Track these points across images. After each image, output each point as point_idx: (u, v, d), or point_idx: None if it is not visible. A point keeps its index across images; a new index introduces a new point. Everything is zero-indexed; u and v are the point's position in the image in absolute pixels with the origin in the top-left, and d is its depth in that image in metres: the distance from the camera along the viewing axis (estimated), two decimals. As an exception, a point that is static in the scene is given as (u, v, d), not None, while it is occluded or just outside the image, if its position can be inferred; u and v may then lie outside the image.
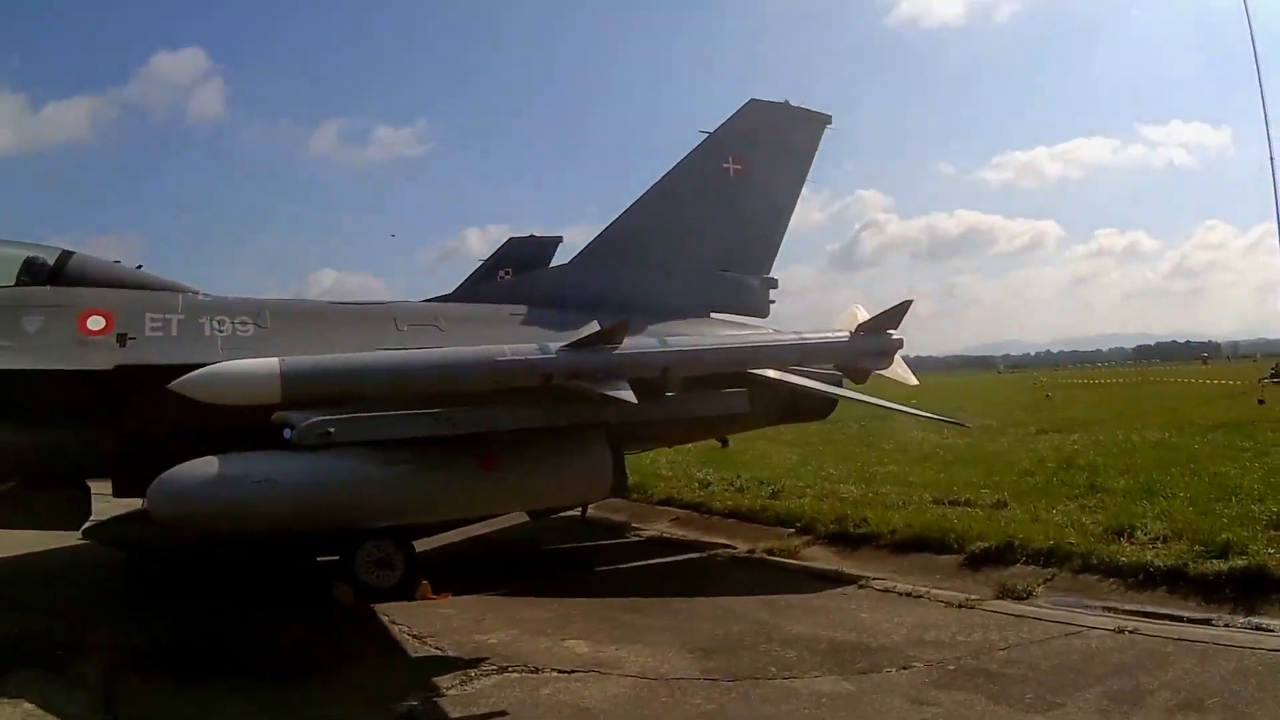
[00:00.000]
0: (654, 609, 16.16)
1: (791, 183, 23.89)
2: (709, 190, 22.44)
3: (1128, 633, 13.39)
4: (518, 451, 16.49)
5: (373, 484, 15.41)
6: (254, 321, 17.48)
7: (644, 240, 21.77)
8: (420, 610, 16.05)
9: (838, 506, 22.37)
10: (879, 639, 13.74)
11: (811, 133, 23.98)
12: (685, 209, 22.18)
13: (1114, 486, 22.72)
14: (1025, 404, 64.31)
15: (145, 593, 18.07)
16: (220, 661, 13.52)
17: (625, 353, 15.53)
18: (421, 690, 11.91)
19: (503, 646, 13.78)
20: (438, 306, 20.00)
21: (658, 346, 16.20)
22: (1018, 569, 17.00)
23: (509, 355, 14.90)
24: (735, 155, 22.68)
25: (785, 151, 23.47)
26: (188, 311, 17.28)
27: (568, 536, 23.66)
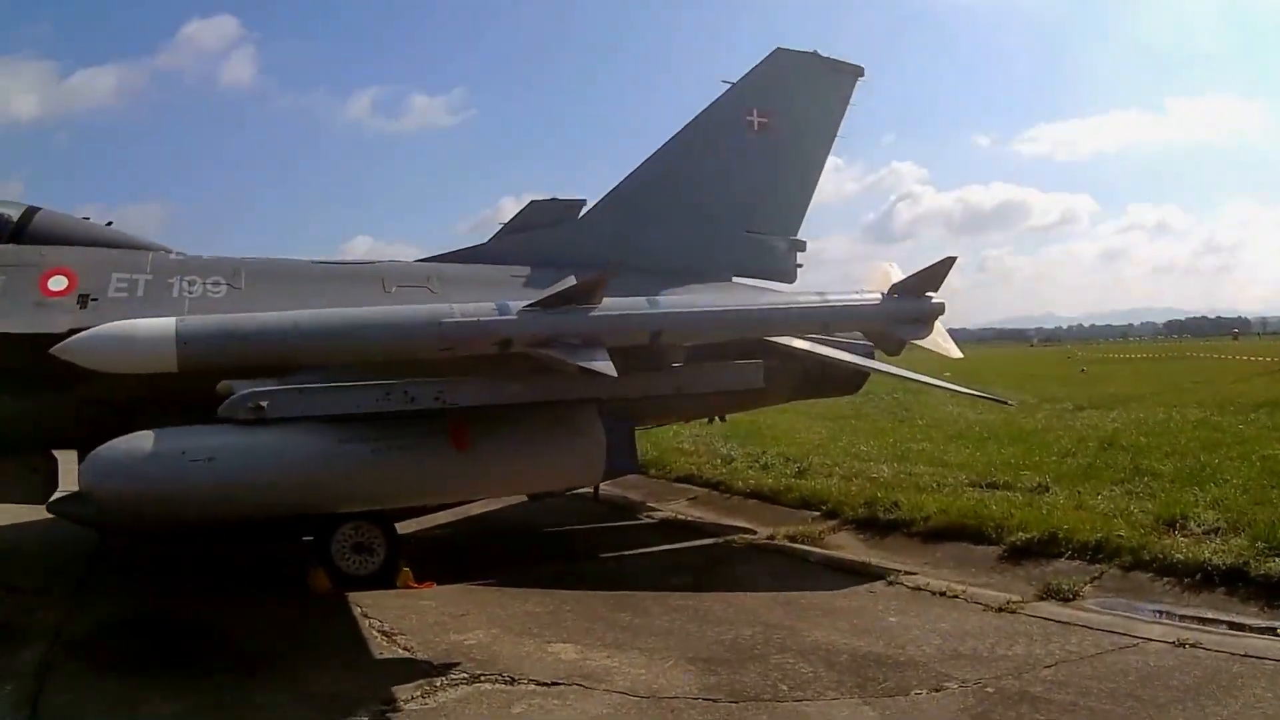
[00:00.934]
0: (656, 607, 14.41)
1: (820, 138, 22.13)
2: (730, 144, 20.74)
3: (1188, 646, 11.65)
4: (496, 430, 14.72)
5: (328, 465, 13.73)
6: (227, 282, 16.11)
7: (660, 196, 20.05)
8: (398, 601, 14.57)
9: (867, 488, 20.90)
10: (908, 650, 11.99)
11: (842, 85, 22.22)
12: (704, 163, 20.48)
13: (1160, 470, 21.25)
14: (1059, 378, 62.89)
15: (112, 573, 16.93)
16: (164, 652, 12.40)
17: (603, 315, 13.72)
18: (376, 701, 10.47)
19: (480, 649, 12.24)
20: (432, 266, 18.33)
21: (645, 308, 14.36)
22: (1062, 564, 15.47)
23: (457, 316, 13.09)
24: (760, 108, 20.94)
25: (813, 105, 21.75)
26: (156, 271, 15.91)
27: (574, 516, 22.08)
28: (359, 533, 15.49)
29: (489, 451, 14.66)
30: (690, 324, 14.82)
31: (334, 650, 12.25)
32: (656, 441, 28.32)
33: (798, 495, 21.47)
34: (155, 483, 12.73)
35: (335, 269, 17.61)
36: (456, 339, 13.03)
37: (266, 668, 11.53)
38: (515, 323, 13.16)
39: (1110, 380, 58.36)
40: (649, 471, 26.32)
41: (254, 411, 13.29)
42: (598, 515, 22.34)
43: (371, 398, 13.93)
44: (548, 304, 13.37)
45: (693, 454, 27.88)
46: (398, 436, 14.05)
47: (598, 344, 13.42)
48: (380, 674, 11.36)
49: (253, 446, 13.30)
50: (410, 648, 12.29)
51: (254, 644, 12.55)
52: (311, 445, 13.59)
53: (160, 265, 16.07)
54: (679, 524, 21.48)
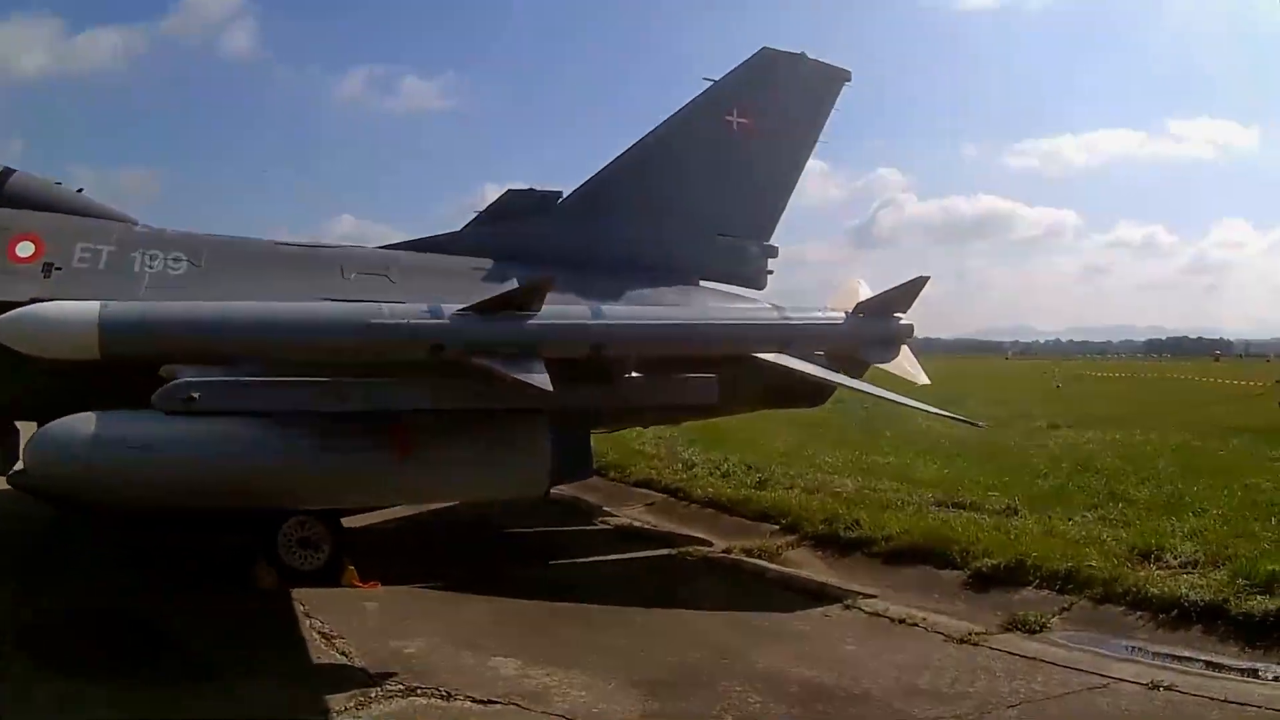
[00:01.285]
0: (604, 621, 13.89)
1: (801, 143, 21.63)
2: (708, 144, 20.19)
3: (1162, 689, 11.03)
4: (438, 436, 14.20)
5: (266, 461, 13.24)
6: (188, 259, 15.76)
7: (631, 194, 19.52)
8: (342, 601, 14.15)
9: (829, 503, 20.15)
10: (862, 682, 11.37)
11: (828, 89, 21.69)
12: (680, 163, 19.90)
13: (1136, 496, 20.66)
14: (1034, 394, 62.04)
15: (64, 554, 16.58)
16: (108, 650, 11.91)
17: (542, 324, 13.27)
18: (304, 711, 10.12)
19: (419, 658, 11.78)
20: (392, 254, 17.81)
21: (587, 318, 13.85)
22: (1029, 593, 14.81)
23: (386, 317, 12.62)
24: (741, 108, 20.39)
25: (797, 107, 21.21)
26: (120, 244, 15.57)
27: (529, 518, 21.24)
28: (304, 528, 15.07)
29: (430, 458, 14.20)
30: (634, 338, 14.37)
31: (274, 653, 11.85)
32: (617, 443, 27.64)
33: (757, 507, 20.78)
34: (90, 468, 12.41)
35: (296, 252, 17.13)
36: (384, 342, 12.49)
37: (207, 673, 11.12)
38: (447, 328, 12.72)
39: (1087, 399, 57.86)
40: (608, 474, 25.84)
41: (186, 403, 12.69)
42: (552, 518, 21.67)
43: (305, 396, 13.36)
44: (484, 309, 12.83)
45: (653, 457, 27.28)
46: (339, 437, 13.55)
47: (534, 355, 12.91)
48: (313, 681, 11.00)
49: (192, 438, 12.87)
50: (348, 653, 11.92)
51: (197, 644, 12.15)
52: (252, 440, 13.15)
53: (125, 238, 15.74)
54: (634, 531, 20.78)
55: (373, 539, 17.81)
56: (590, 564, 18.09)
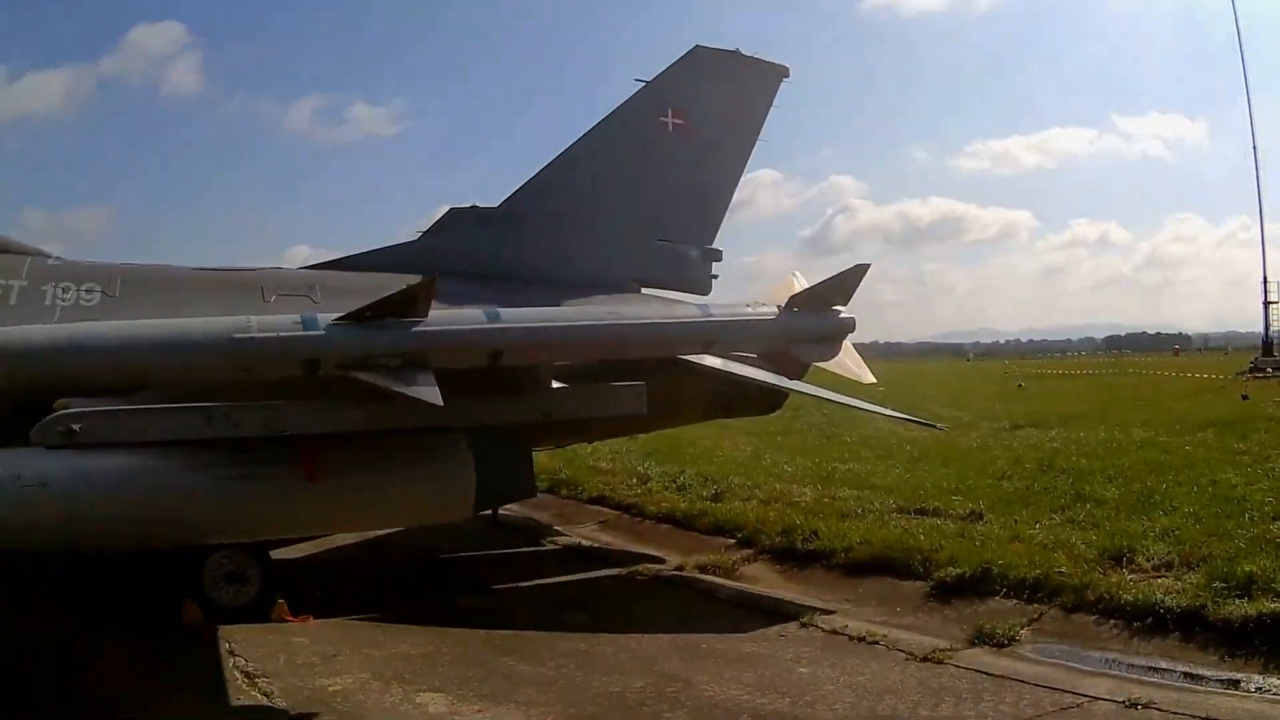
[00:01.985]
0: (543, 650, 13.02)
1: (740, 142, 20.94)
2: (643, 146, 19.50)
3: (1140, 708, 10.25)
4: (347, 460, 13.28)
5: (167, 494, 12.31)
6: (102, 290, 14.96)
7: (564, 201, 18.75)
8: (269, 637, 13.32)
9: (786, 515, 19.48)
10: (817, 710, 10.60)
11: (765, 86, 21.03)
12: (614, 166, 19.19)
13: (1104, 496, 20.00)
14: (997, 394, 61.80)
15: None
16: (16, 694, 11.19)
17: (429, 330, 12.18)
18: None
19: (344, 697, 11.05)
20: (315, 274, 16.96)
21: (481, 322, 12.79)
22: (996, 604, 14.12)
23: (254, 331, 11.53)
24: (675, 108, 19.73)
25: (734, 106, 20.55)
26: (32, 277, 14.84)
27: (473, 542, 20.62)
28: (231, 561, 14.39)
29: (341, 484, 13.21)
30: (537, 342, 13.33)
31: (190, 696, 11.11)
32: (571, 459, 27.12)
33: (712, 520, 20.22)
34: None
35: (214, 276, 16.34)
36: (252, 358, 11.54)
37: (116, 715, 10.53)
38: (321, 339, 11.65)
39: (1049, 397, 57.49)
40: (560, 491, 25.34)
41: (65, 436, 11.82)
42: (499, 540, 21.01)
43: (194, 423, 12.44)
44: (362, 317, 11.84)
45: (608, 473, 26.69)
46: (243, 465, 12.65)
47: (422, 365, 11.91)
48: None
49: (90, 473, 11.96)
50: (270, 693, 11.15)
51: (111, 685, 11.41)
52: (151, 473, 12.23)
53: (36, 271, 15.01)
54: (584, 552, 20.14)
55: (307, 570, 17.15)
56: (534, 588, 17.38)
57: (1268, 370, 75.58)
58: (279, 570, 15.02)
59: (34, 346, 11.29)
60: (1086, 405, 47.69)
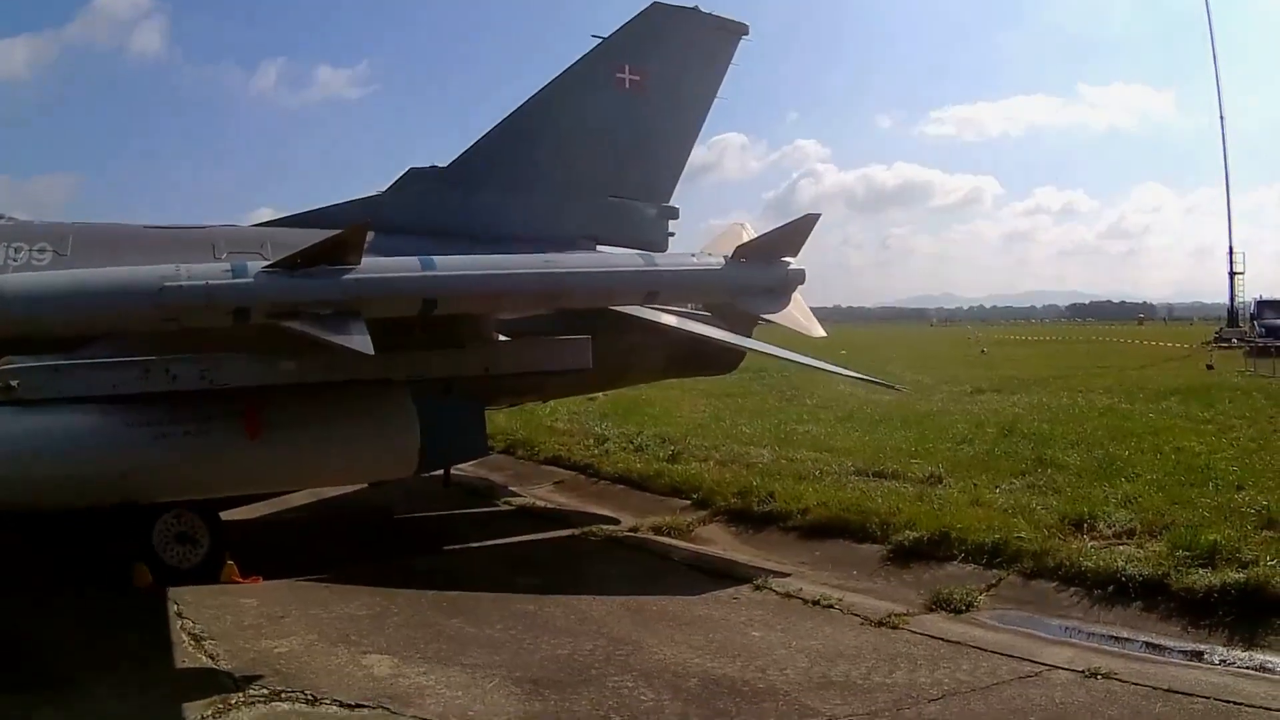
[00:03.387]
0: (494, 612, 12.76)
1: (697, 100, 20.69)
2: (597, 103, 19.22)
3: (1100, 677, 10.06)
4: (290, 415, 13.17)
5: (107, 452, 12.27)
6: (53, 249, 14.76)
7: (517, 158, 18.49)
8: (218, 599, 13.05)
9: (743, 476, 19.31)
10: (769, 675, 10.35)
11: (723, 44, 20.74)
12: (567, 123, 18.93)
13: (1065, 461, 19.89)
14: (958, 359, 62.09)
15: None
16: None
17: (361, 278, 11.93)
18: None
19: (290, 659, 10.80)
20: (268, 231, 16.66)
21: (415, 269, 12.53)
22: (954, 569, 13.98)
23: (183, 279, 11.23)
24: (632, 65, 19.44)
25: (691, 64, 20.27)
26: None
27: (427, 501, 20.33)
28: (181, 522, 14.08)
29: (283, 440, 13.15)
30: (472, 290, 13.11)
31: (135, 659, 10.84)
32: (528, 420, 26.96)
33: (668, 482, 20.02)
34: None
35: (165, 234, 16.01)
36: (180, 307, 11.21)
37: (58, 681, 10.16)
38: (250, 287, 11.38)
39: (1012, 363, 57.50)
40: (516, 452, 25.13)
41: (3, 392, 11.86)
42: (453, 501, 20.73)
43: (131, 376, 12.41)
44: (292, 264, 11.55)
45: (565, 434, 26.42)
46: (184, 421, 12.57)
47: (354, 314, 11.64)
48: (174, 688, 10.01)
49: (30, 431, 12.05)
50: (216, 655, 10.93)
51: (54, 651, 11.16)
52: (93, 430, 12.25)
53: None
54: (538, 512, 19.82)
55: (258, 531, 16.99)
56: (486, 549, 17.01)
57: (1232, 341, 76.11)
58: (230, 531, 14.78)
59: None
60: (1049, 371, 47.74)
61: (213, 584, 13.72)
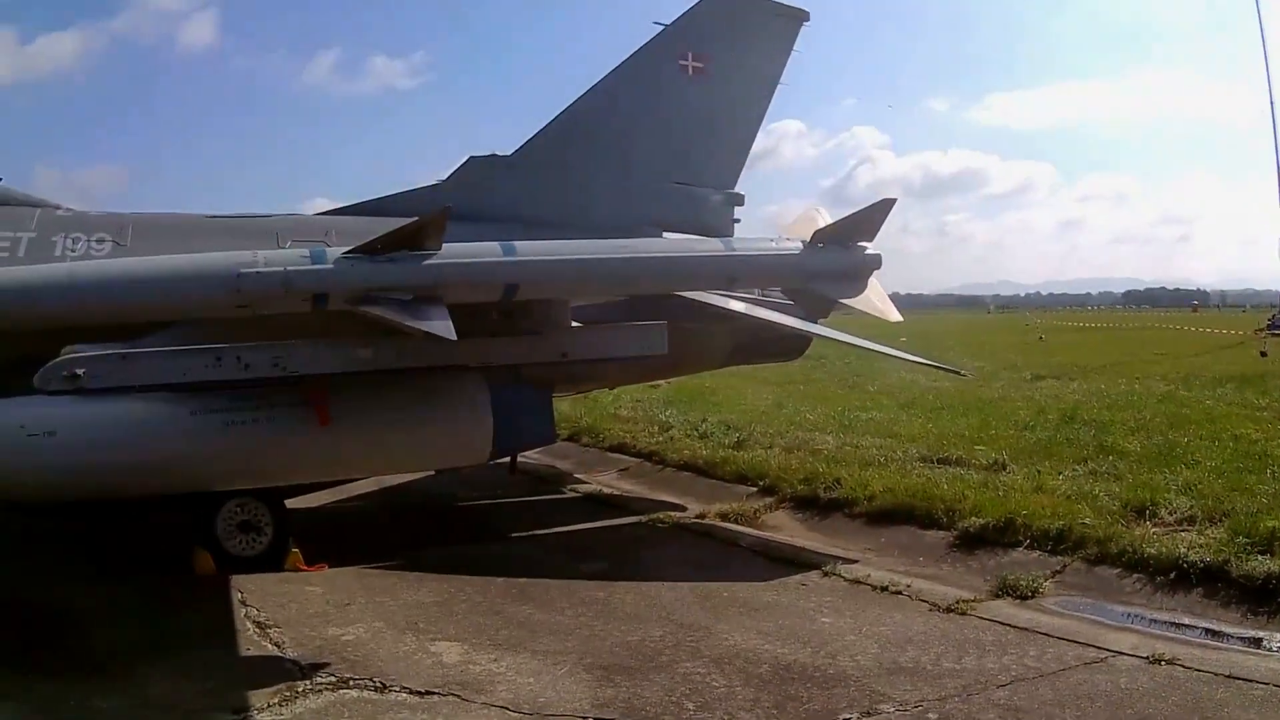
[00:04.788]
0: (561, 598, 12.66)
1: (760, 86, 20.47)
2: (662, 90, 19.11)
3: (1164, 663, 9.88)
4: (362, 402, 13.03)
5: (177, 440, 12.15)
6: (112, 239, 14.75)
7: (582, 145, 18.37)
8: (283, 586, 12.91)
9: (808, 463, 19.11)
10: (839, 661, 10.21)
11: (785, 30, 20.53)
12: (633, 110, 18.84)
13: (1126, 448, 19.57)
14: (1017, 345, 61.67)
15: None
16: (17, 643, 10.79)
17: (442, 264, 11.82)
18: (224, 709, 8.99)
19: (357, 646, 10.64)
20: (331, 220, 16.70)
21: (497, 255, 12.41)
22: (1020, 555, 13.77)
23: (260, 266, 11.16)
24: (695, 52, 19.31)
25: (754, 50, 20.09)
26: (41, 228, 14.64)
27: (492, 489, 20.24)
28: (245, 510, 13.97)
29: (354, 427, 13.01)
30: (553, 275, 12.97)
31: (200, 645, 10.75)
32: (592, 407, 26.92)
33: (734, 469, 19.84)
34: None
35: (228, 223, 15.99)
36: (257, 293, 11.17)
37: (120, 666, 10.06)
38: (329, 273, 11.31)
39: (1069, 349, 57.02)
40: (581, 439, 25.02)
41: (69, 381, 11.50)
42: (518, 488, 20.52)
43: (200, 364, 12.10)
44: (372, 250, 11.48)
45: (629, 421, 26.32)
46: (253, 409, 12.42)
47: (435, 299, 11.55)
48: (240, 675, 9.91)
49: (98, 419, 11.79)
50: (281, 643, 10.77)
51: (117, 636, 11.02)
52: (160, 418, 12.09)
53: (46, 222, 14.80)
54: (603, 499, 19.74)
55: (323, 518, 16.87)
56: (553, 536, 16.93)
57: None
58: (294, 519, 14.68)
59: (31, 286, 11.03)
60: (1106, 358, 47.26)
61: (277, 572, 13.67)
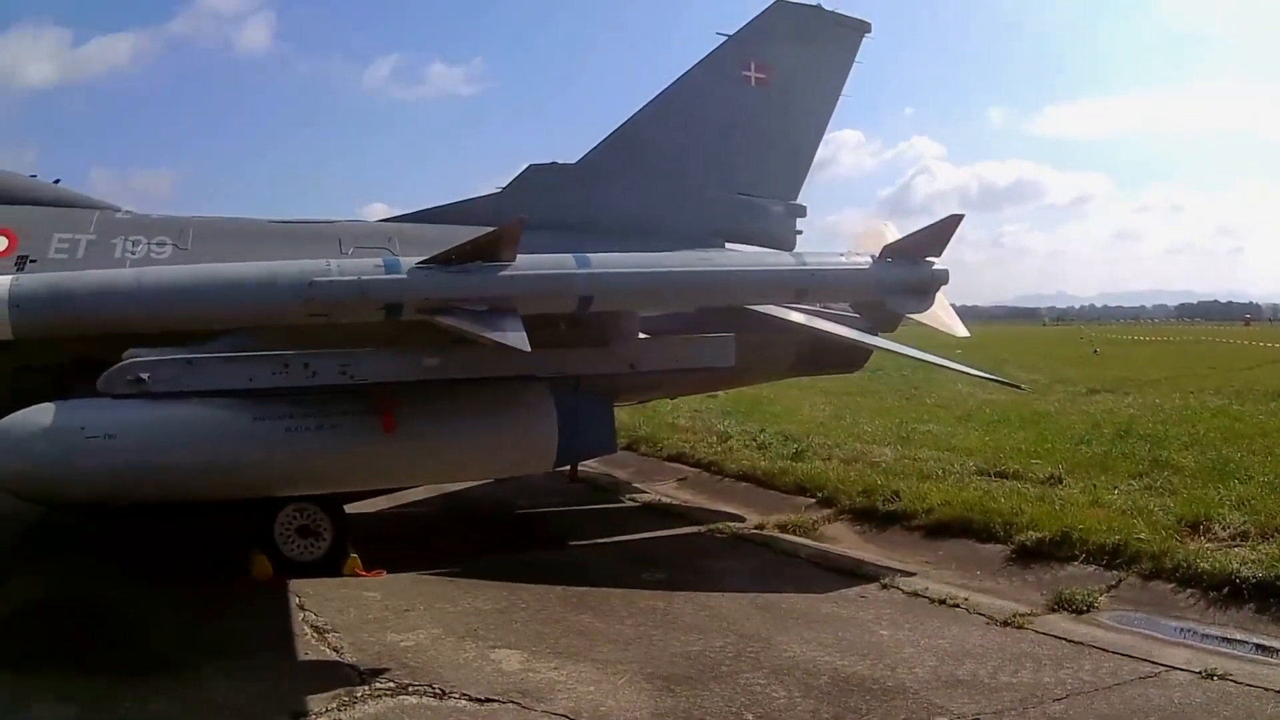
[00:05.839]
0: (620, 607, 12.62)
1: (822, 97, 20.41)
2: (725, 100, 19.02)
3: (1216, 678, 9.87)
4: (428, 410, 12.94)
5: (237, 446, 12.06)
6: (173, 242, 14.81)
7: (646, 154, 18.34)
8: (341, 591, 12.93)
9: (866, 475, 19.02)
10: (898, 673, 10.18)
11: (847, 41, 20.48)
12: (696, 120, 18.77)
13: (1181, 463, 19.39)
14: (1071, 358, 61.47)
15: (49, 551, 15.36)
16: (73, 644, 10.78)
17: (517, 275, 11.86)
18: (281, 713, 9.03)
19: (416, 652, 10.64)
20: (394, 227, 16.69)
21: (571, 267, 12.42)
22: (1075, 569, 13.65)
23: (334, 274, 11.21)
24: (757, 62, 19.24)
25: (815, 61, 19.99)
26: (101, 231, 14.67)
27: (551, 497, 20.18)
28: (303, 515, 13.91)
29: (419, 434, 12.88)
30: (627, 288, 13.00)
31: (256, 648, 10.69)
32: (650, 416, 26.85)
33: (793, 479, 19.65)
34: (46, 461, 11.20)
35: (290, 228, 15.97)
36: (329, 302, 11.21)
37: (176, 668, 10.00)
38: (404, 283, 11.33)
39: (1123, 363, 56.61)
40: (639, 448, 24.90)
41: (134, 385, 11.59)
42: (577, 496, 20.53)
43: (267, 370, 12.17)
44: (447, 260, 11.49)
45: (688, 430, 26.17)
46: (317, 415, 12.33)
47: (510, 310, 11.57)
48: (298, 679, 9.87)
49: (158, 423, 11.73)
50: (340, 648, 10.75)
51: (174, 638, 10.99)
52: (222, 423, 11.97)
53: (105, 224, 14.84)
54: (662, 509, 19.58)
55: (381, 524, 16.93)
56: (612, 545, 16.83)
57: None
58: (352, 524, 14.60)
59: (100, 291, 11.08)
60: (1160, 372, 46.95)
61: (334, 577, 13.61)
